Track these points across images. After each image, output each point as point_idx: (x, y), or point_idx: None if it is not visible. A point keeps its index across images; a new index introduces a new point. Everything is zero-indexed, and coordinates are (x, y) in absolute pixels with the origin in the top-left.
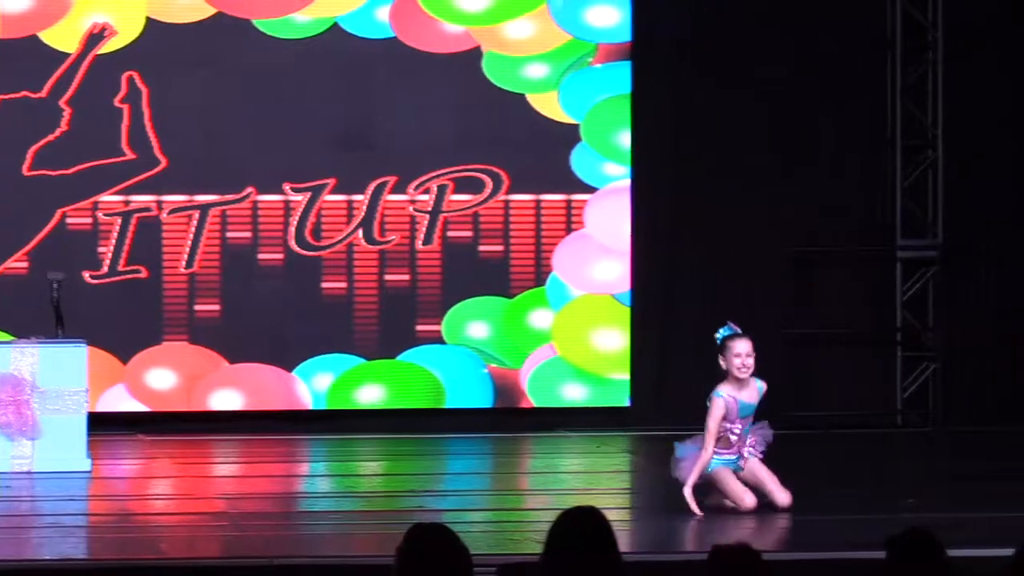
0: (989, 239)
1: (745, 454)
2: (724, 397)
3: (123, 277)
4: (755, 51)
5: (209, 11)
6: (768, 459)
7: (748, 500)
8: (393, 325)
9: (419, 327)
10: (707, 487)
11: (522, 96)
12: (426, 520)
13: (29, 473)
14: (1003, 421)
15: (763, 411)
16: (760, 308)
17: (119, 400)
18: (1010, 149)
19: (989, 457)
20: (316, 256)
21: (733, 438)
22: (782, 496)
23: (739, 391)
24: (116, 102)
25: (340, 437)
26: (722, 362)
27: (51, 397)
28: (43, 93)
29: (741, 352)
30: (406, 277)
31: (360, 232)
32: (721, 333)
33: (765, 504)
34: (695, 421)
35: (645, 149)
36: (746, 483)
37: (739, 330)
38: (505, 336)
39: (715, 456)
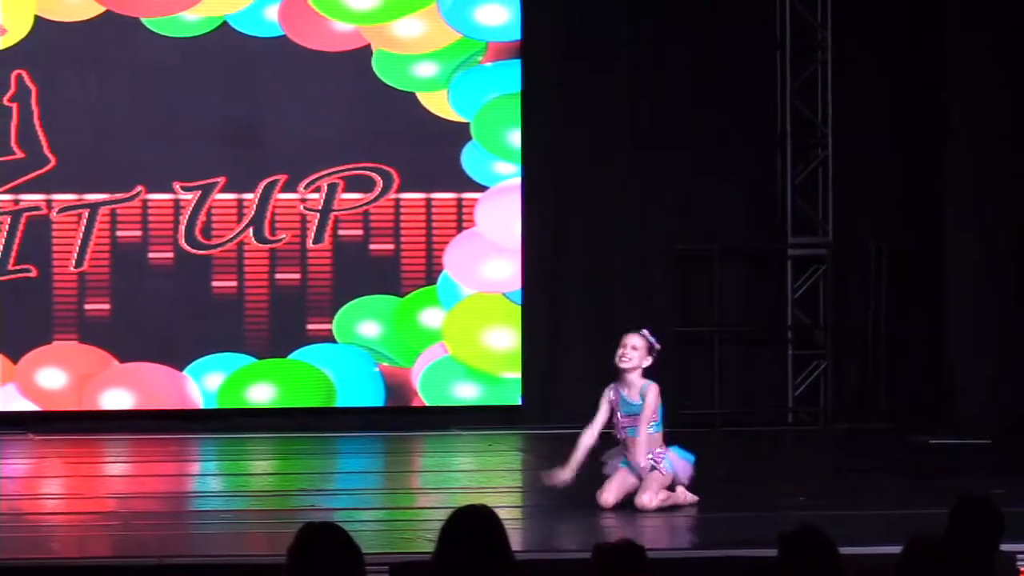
0: (879, 237)
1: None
2: (608, 389)
3: (12, 276)
4: (644, 50)
5: (98, 9)
6: None
7: (605, 497)
8: (284, 324)
9: (310, 326)
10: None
11: (412, 95)
12: (317, 519)
13: None
14: (893, 418)
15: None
16: (652, 306)
17: (9, 399)
18: (899, 148)
19: (879, 454)
20: (206, 255)
21: (620, 436)
22: (644, 497)
23: (624, 386)
24: (5, 100)
25: (231, 436)
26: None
27: None
28: None
29: (624, 343)
30: (297, 276)
31: (250, 231)
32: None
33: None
34: (584, 419)
35: (535, 147)
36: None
37: (648, 335)
38: (396, 335)
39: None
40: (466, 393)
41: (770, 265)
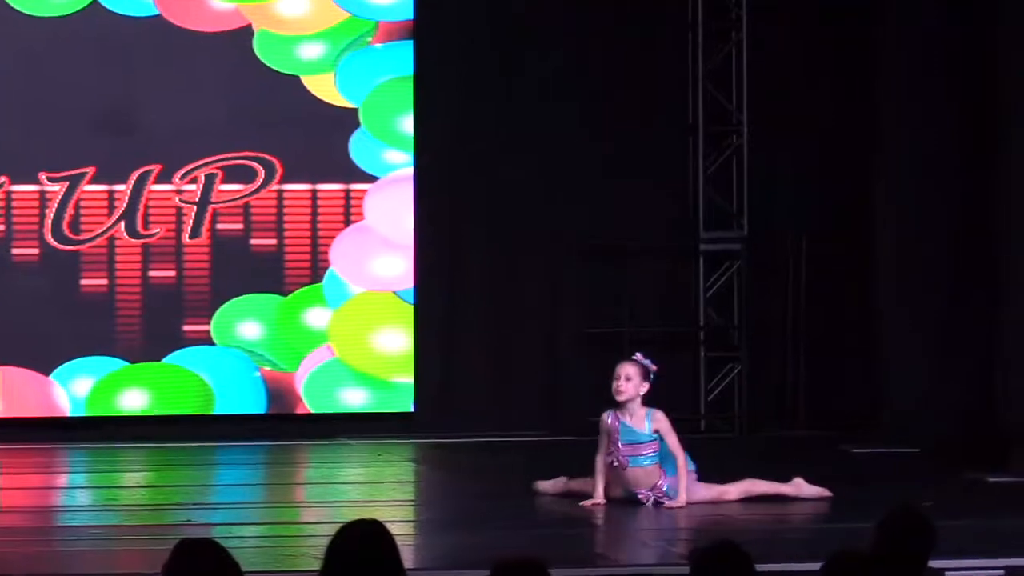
0: (798, 231)
1: (646, 501)
2: (605, 415)
3: None
4: (547, 32)
5: None
6: (566, 467)
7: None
8: (158, 325)
9: (186, 327)
10: None
11: (297, 78)
12: (194, 535)
13: None
14: (814, 426)
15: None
16: (558, 306)
17: None
18: (818, 136)
19: (796, 464)
20: (74, 251)
21: (619, 462)
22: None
23: (625, 414)
24: None
25: (101, 446)
26: None
27: None
28: None
29: (616, 374)
30: (172, 273)
31: (122, 225)
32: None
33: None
34: (483, 427)
35: (429, 135)
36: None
37: (641, 359)
38: (279, 337)
39: None
40: (354, 399)
41: (681, 261)
